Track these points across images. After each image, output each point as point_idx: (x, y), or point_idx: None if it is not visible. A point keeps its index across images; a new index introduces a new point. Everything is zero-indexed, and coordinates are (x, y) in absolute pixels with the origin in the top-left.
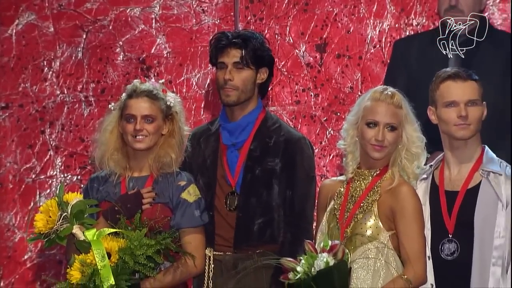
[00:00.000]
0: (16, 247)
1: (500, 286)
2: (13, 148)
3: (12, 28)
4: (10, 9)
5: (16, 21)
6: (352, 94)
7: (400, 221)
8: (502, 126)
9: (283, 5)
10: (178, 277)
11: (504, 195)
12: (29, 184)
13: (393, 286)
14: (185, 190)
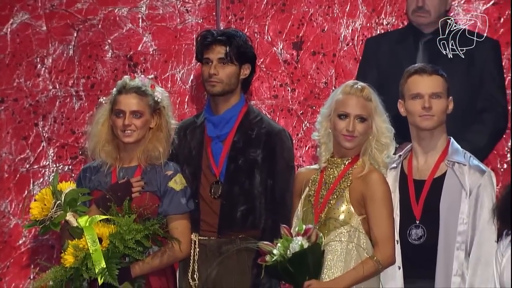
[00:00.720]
0: (11, 232)
1: (463, 269)
2: (8, 140)
3: (7, 27)
4: (5, 9)
5: (11, 20)
6: (327, 89)
7: (370, 206)
8: (466, 119)
9: (262, 5)
10: (165, 261)
11: (468, 184)
12: (23, 174)
13: (363, 267)
14: (172, 179)
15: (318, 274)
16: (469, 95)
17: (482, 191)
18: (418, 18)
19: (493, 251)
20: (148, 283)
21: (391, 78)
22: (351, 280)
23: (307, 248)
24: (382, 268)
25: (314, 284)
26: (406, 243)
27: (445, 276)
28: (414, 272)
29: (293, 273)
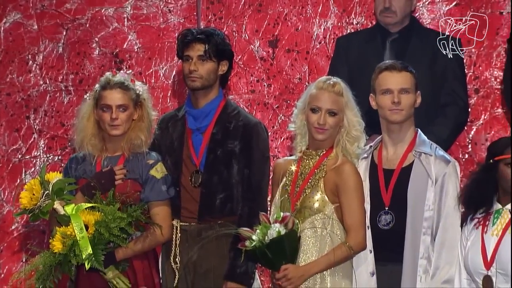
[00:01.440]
0: (5, 218)
1: (429, 252)
2: (1, 132)
3: (0, 25)
4: None
5: (4, 19)
6: (301, 84)
7: (343, 195)
8: (430, 113)
9: (240, 5)
10: (147, 245)
11: (434, 173)
12: (16, 164)
13: (336, 252)
14: (153, 168)
15: (294, 259)
16: (433, 90)
17: (447, 179)
18: (385, 18)
19: (457, 235)
20: (132, 266)
21: (360, 74)
22: (324, 264)
23: (284, 235)
24: (354, 253)
25: (290, 268)
26: (376, 229)
27: (412, 259)
28: (384, 255)
29: (271, 258)
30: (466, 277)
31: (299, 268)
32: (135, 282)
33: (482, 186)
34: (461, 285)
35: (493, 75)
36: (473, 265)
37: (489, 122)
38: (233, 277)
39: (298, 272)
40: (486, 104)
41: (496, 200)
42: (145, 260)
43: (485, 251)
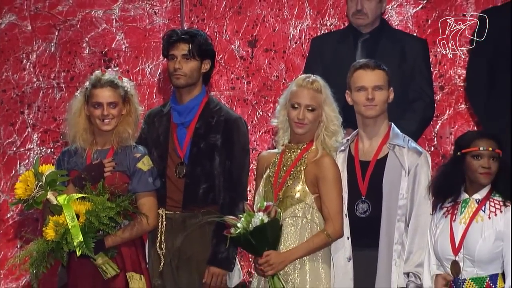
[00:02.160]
0: (0, 207)
1: (403, 238)
2: None
3: None
4: None
5: (0, 21)
6: (278, 82)
7: (323, 186)
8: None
9: (221, 8)
10: (134, 233)
11: (407, 164)
12: (11, 156)
13: (315, 240)
14: (140, 161)
15: (276, 246)
16: (401, 87)
17: (419, 170)
18: (357, 20)
19: (429, 222)
20: (120, 253)
21: (334, 72)
22: (304, 251)
23: (267, 223)
24: (332, 240)
25: (272, 254)
26: (353, 216)
27: (387, 245)
28: (360, 241)
29: (254, 244)
30: (435, 262)
31: (281, 254)
32: (124, 267)
33: (451, 177)
34: (430, 270)
35: (457, 73)
36: (442, 251)
37: (453, 117)
38: (215, 262)
39: (280, 258)
40: (451, 100)
41: (463, 190)
42: (133, 247)
43: (453, 238)
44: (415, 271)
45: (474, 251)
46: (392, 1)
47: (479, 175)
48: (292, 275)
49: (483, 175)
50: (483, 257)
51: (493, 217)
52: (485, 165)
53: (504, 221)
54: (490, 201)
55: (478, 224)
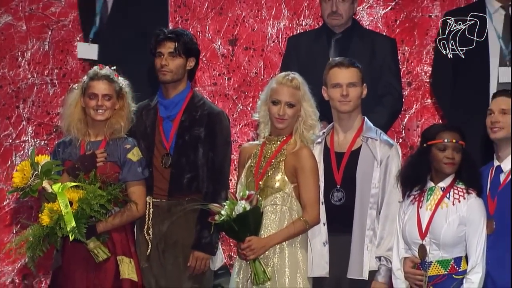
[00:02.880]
0: None
1: (375, 225)
2: None
3: None
4: None
5: None
6: (257, 78)
7: (301, 176)
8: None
9: (203, 9)
10: (124, 220)
11: (379, 155)
12: (7, 147)
13: (294, 226)
14: (130, 152)
15: (257, 232)
16: (371, 83)
17: (391, 161)
18: (333, 20)
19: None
20: (111, 238)
21: (308, 68)
22: (283, 237)
23: (249, 210)
24: (309, 226)
25: (254, 239)
26: (329, 204)
27: (360, 231)
28: (335, 227)
29: (237, 230)
30: (404, 246)
31: (261, 240)
32: (114, 251)
33: (417, 167)
34: (399, 253)
35: (423, 70)
36: (410, 236)
37: (420, 111)
38: (199, 247)
39: (261, 243)
40: (418, 95)
41: (429, 179)
42: (123, 232)
43: (420, 224)
44: (386, 255)
45: (439, 235)
46: (363, 3)
47: (444, 165)
48: (272, 259)
49: (447, 165)
50: (448, 241)
51: (457, 204)
52: (449, 156)
53: (467, 207)
54: (454, 189)
55: (443, 210)
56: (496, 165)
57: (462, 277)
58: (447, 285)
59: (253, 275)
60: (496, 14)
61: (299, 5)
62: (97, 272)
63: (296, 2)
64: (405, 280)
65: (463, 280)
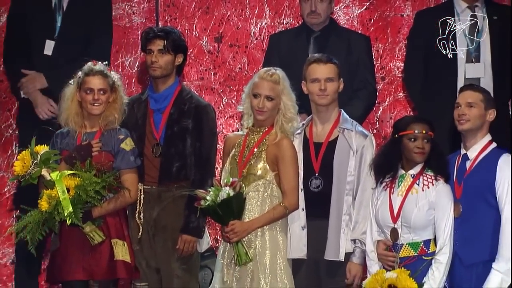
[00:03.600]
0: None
1: (350, 210)
2: None
3: None
4: None
5: None
6: (241, 73)
7: (281, 164)
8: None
9: (191, 8)
10: (118, 205)
11: (354, 145)
12: (8, 137)
13: (274, 211)
14: (123, 142)
15: (240, 216)
16: (348, 77)
17: (365, 150)
18: (312, 19)
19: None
20: (106, 222)
21: (289, 64)
22: (265, 221)
23: (232, 196)
24: (289, 211)
25: (237, 223)
26: (308, 191)
27: (337, 216)
28: (314, 212)
29: (221, 214)
30: (377, 229)
31: (244, 224)
32: (109, 234)
33: (389, 156)
34: (372, 236)
35: (396, 65)
36: (382, 220)
37: (393, 104)
38: (187, 230)
39: (243, 227)
40: (391, 89)
41: (400, 167)
42: (117, 217)
43: (392, 209)
44: (360, 238)
45: (410, 219)
46: (340, 3)
47: (414, 154)
48: (254, 242)
49: (417, 154)
50: (418, 224)
51: (426, 190)
52: (419, 145)
53: (436, 193)
54: (423, 176)
55: (413, 196)
56: (463, 154)
57: (431, 258)
58: (417, 266)
59: (236, 256)
60: (463, 14)
61: (280, 5)
62: (92, 254)
63: (277, 2)
64: (378, 262)
65: (431, 261)
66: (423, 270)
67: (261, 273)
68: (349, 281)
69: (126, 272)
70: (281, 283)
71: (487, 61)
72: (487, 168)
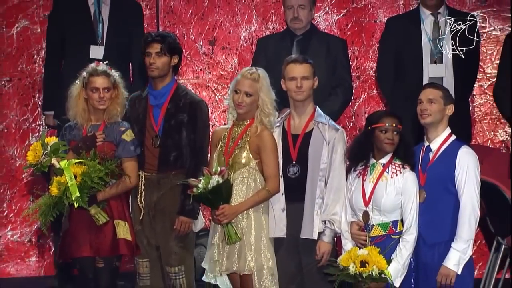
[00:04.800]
0: (17, 169)
1: (323, 194)
2: (15, 107)
3: (14, 29)
4: (12, 17)
5: (16, 25)
6: (232, 73)
7: (263, 153)
8: (325, 92)
9: (188, 15)
10: (120, 190)
11: (327, 137)
12: (25, 130)
13: (258, 195)
14: (124, 133)
15: (228, 200)
16: (327, 76)
17: (337, 142)
18: (294, 24)
19: (342, 181)
20: (109, 205)
21: (275, 64)
22: (250, 204)
23: (221, 183)
24: (271, 195)
25: (226, 207)
26: (286, 177)
27: (311, 199)
28: (292, 196)
29: (211, 200)
30: (350, 212)
31: (232, 207)
32: (112, 216)
33: (362, 147)
34: (347, 218)
35: (370, 66)
36: (355, 203)
37: (367, 100)
38: (183, 212)
39: (231, 209)
40: (365, 87)
41: (372, 157)
42: (119, 200)
43: (364, 193)
44: (330, 219)
45: (380, 203)
46: (321, 10)
47: (385, 145)
48: (241, 223)
49: (388, 144)
50: (387, 207)
51: (394, 177)
52: (390, 137)
53: (403, 180)
54: (392, 165)
55: (383, 182)
56: (426, 145)
57: (398, 237)
58: (386, 244)
59: (226, 236)
60: (427, 20)
61: (267, 12)
62: (98, 233)
63: (264, 10)
64: (352, 240)
65: (399, 240)
66: (391, 248)
67: (247, 250)
68: (318, 258)
69: (128, 249)
70: (264, 258)
71: (449, 62)
72: (448, 159)
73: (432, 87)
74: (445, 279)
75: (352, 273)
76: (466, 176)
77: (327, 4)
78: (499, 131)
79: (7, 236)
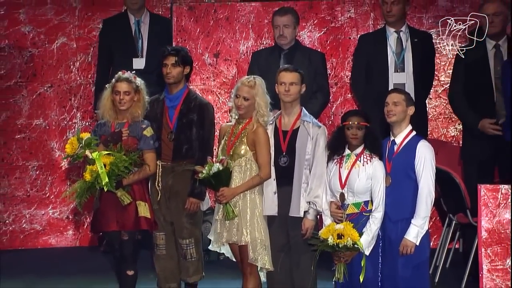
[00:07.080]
0: (57, 159)
1: (308, 180)
2: (55, 108)
3: (54, 45)
4: (53, 35)
5: (56, 41)
6: (233, 80)
7: (257, 146)
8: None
9: (196, 33)
10: (141, 176)
11: (311, 133)
12: (63, 127)
13: (253, 180)
14: (145, 130)
15: (228, 184)
16: (308, 83)
17: (319, 137)
18: (280, 40)
19: (323, 169)
20: (132, 189)
21: (266, 73)
22: (246, 187)
23: (222, 170)
24: (264, 180)
25: (225, 189)
26: (277, 166)
27: (298, 184)
28: (282, 181)
29: (214, 183)
30: (329, 194)
31: (231, 189)
32: (134, 197)
33: (338, 140)
34: (326, 198)
35: (346, 74)
36: (333, 187)
37: (343, 102)
38: (193, 194)
39: (230, 192)
40: (341, 92)
41: (347, 148)
42: (140, 185)
43: (340, 178)
44: (313, 200)
45: (353, 186)
46: (305, 29)
47: (350, 139)
48: (238, 203)
49: (352, 139)
50: (359, 190)
51: (366, 165)
52: (353, 133)
53: (372, 167)
54: (363, 155)
55: (356, 169)
56: (392, 139)
57: (369, 214)
58: (359, 219)
59: (225, 213)
60: (392, 37)
61: (261, 30)
62: (123, 211)
63: (259, 28)
64: (330, 217)
65: (369, 216)
66: (363, 223)
67: (243, 225)
68: (303, 232)
69: (147, 224)
70: (258, 233)
71: (410, 71)
72: (409, 151)
73: (396, 91)
74: (406, 249)
75: (331, 244)
76: (424, 165)
77: (310, 24)
78: (451, 128)
79: (49, 213)
